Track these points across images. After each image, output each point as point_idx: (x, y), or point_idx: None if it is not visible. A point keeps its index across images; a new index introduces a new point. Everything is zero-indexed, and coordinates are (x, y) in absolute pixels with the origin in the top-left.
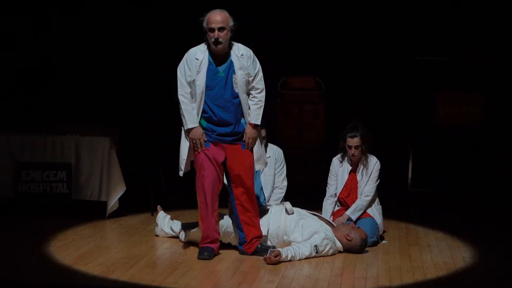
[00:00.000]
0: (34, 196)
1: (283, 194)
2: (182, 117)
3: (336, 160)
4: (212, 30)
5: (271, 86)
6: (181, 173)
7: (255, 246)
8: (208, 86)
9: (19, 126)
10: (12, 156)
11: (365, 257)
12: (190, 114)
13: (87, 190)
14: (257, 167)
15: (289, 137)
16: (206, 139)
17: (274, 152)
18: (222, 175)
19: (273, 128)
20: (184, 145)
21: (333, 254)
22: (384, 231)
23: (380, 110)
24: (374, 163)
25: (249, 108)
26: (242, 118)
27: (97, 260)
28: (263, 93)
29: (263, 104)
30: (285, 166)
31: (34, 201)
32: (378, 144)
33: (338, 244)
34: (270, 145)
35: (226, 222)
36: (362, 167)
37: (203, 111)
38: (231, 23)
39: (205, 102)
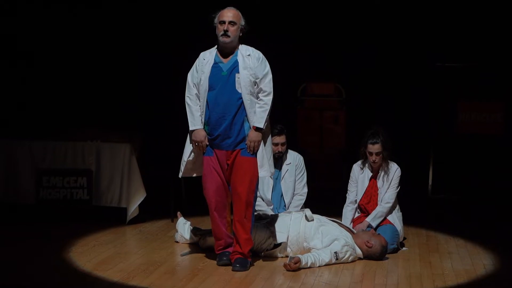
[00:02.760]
0: (54, 202)
1: (303, 201)
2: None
3: (356, 166)
4: (223, 22)
5: (291, 92)
6: (180, 174)
7: (234, 258)
8: (211, 86)
9: (40, 133)
10: (33, 162)
11: (385, 264)
12: (194, 116)
13: (107, 196)
14: (261, 173)
15: (309, 143)
16: (207, 143)
17: (295, 159)
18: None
19: (293, 134)
20: (187, 147)
21: (353, 261)
22: (404, 238)
23: (400, 117)
24: (394, 169)
25: (255, 111)
26: (246, 122)
27: (117, 266)
28: (270, 97)
29: (268, 107)
30: (305, 173)
31: (54, 207)
32: (399, 151)
33: (358, 251)
34: (290, 151)
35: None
36: (382, 173)
37: (205, 113)
38: (243, 22)
39: (206, 102)
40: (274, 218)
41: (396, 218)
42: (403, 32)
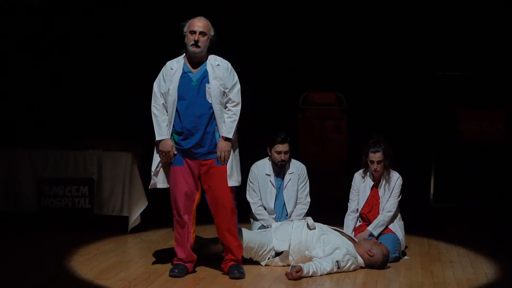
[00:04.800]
0: (56, 211)
1: (305, 210)
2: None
3: (358, 175)
4: (194, 32)
5: (292, 102)
6: (151, 186)
7: (229, 266)
8: (180, 96)
9: (42, 141)
10: (34, 171)
11: (387, 273)
12: (160, 126)
13: (109, 205)
14: (230, 183)
15: (311, 152)
16: (175, 153)
17: (297, 168)
18: (197, 192)
19: (294, 144)
20: (155, 158)
21: (354, 270)
22: (406, 247)
23: (402, 125)
24: (396, 178)
25: (224, 121)
26: (217, 132)
27: (119, 275)
28: (239, 107)
29: (237, 118)
30: (308, 182)
31: (56, 216)
32: (400, 159)
33: (360, 260)
34: (293, 160)
35: (247, 238)
36: (384, 182)
37: (175, 123)
38: (212, 32)
39: (176, 111)
40: (276, 226)
41: (397, 227)
42: (405, 40)
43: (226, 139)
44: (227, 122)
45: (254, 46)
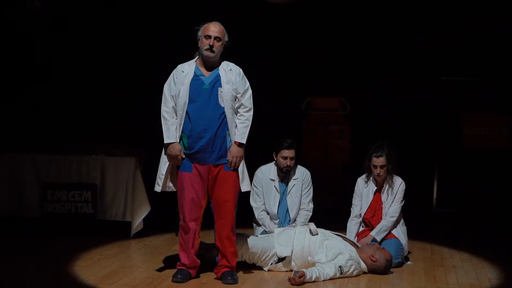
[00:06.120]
0: (59, 216)
1: (309, 217)
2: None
3: (361, 180)
4: (209, 37)
5: (296, 106)
6: (158, 189)
7: (221, 272)
8: (192, 99)
9: (45, 146)
10: (37, 176)
11: (390, 278)
12: (169, 130)
13: (112, 210)
14: (243, 188)
15: (314, 158)
16: (183, 156)
17: (302, 174)
18: (205, 197)
19: (298, 149)
20: (163, 160)
21: (357, 275)
22: (409, 252)
23: (405, 130)
24: (399, 183)
25: (235, 126)
26: (228, 136)
27: (122, 280)
28: (251, 112)
29: (249, 123)
30: (312, 189)
31: (59, 221)
32: (403, 165)
33: (363, 265)
34: (298, 166)
35: (250, 243)
36: (387, 187)
37: (184, 126)
38: (226, 38)
39: (186, 114)
40: (278, 232)
41: (400, 232)
42: (409, 45)
43: (240, 144)
44: (240, 128)
45: (257, 51)
